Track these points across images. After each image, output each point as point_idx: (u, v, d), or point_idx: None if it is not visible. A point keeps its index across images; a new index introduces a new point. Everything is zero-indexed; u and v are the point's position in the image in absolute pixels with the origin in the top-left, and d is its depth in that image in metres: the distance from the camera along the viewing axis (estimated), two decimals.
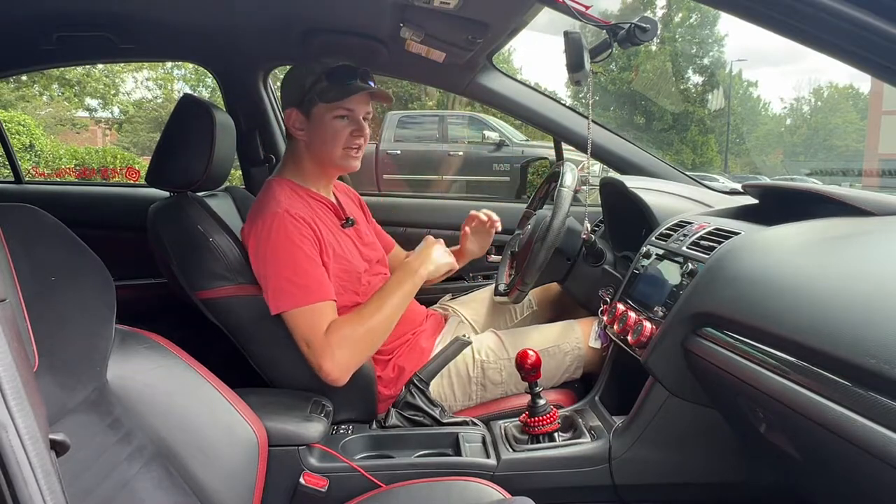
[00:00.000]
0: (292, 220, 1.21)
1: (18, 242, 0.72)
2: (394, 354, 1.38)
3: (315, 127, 1.30)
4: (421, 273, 1.30)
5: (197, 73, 15.06)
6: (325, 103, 1.27)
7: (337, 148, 1.30)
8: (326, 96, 1.27)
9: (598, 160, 1.85)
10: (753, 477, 1.15)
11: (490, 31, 1.42)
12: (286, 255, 1.19)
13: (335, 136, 1.29)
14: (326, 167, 1.35)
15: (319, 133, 1.30)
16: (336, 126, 1.29)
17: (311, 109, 1.29)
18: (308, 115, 1.30)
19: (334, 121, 1.29)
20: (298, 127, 1.31)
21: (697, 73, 21.80)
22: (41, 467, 0.47)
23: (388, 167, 7.58)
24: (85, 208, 2.09)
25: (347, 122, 1.30)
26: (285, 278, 1.18)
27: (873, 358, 0.63)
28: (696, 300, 1.02)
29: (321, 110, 1.28)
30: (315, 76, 1.28)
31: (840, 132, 29.55)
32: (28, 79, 10.69)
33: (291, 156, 1.37)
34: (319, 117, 1.29)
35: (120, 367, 0.83)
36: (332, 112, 1.28)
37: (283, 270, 1.18)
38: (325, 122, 1.29)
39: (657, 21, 1.09)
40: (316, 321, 1.18)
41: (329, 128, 1.29)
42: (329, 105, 1.27)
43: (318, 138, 1.30)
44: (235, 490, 0.92)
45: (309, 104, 1.29)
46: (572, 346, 1.41)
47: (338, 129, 1.29)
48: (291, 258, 1.19)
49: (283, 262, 1.19)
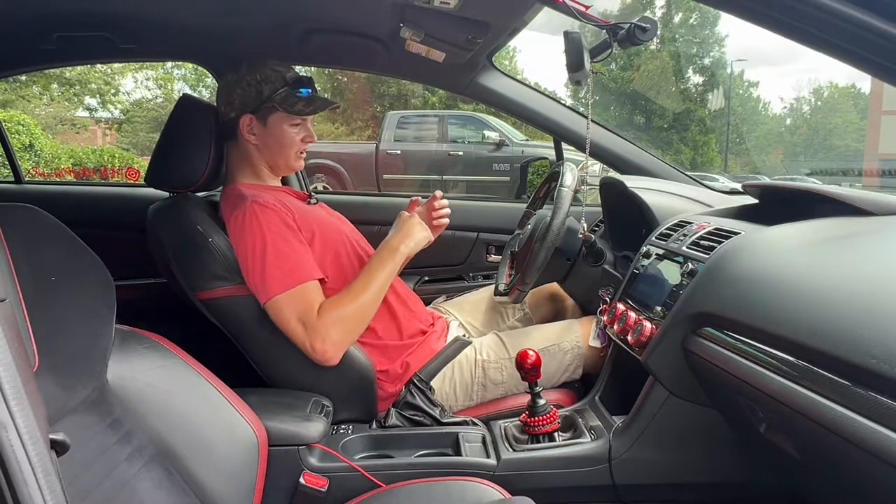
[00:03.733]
0: (261, 208, 1.25)
1: (18, 242, 0.72)
2: (407, 348, 1.38)
3: (271, 133, 1.35)
4: (402, 251, 1.33)
5: (197, 73, 15.07)
6: (285, 113, 1.33)
7: (291, 152, 1.38)
8: (293, 108, 1.32)
9: (598, 160, 1.85)
10: (753, 477, 1.15)
11: (490, 31, 1.42)
12: (263, 244, 1.21)
13: (291, 143, 1.37)
14: (278, 168, 1.42)
15: (275, 139, 1.36)
16: (291, 133, 1.36)
17: (267, 117, 1.34)
18: (264, 121, 1.34)
19: (290, 128, 1.36)
20: (252, 132, 1.35)
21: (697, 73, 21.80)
22: (41, 467, 0.47)
23: (388, 167, 7.60)
24: (85, 208, 2.09)
25: (300, 129, 1.38)
26: (270, 264, 1.20)
27: (873, 358, 0.63)
28: (696, 300, 1.02)
29: (279, 119, 1.34)
30: (273, 85, 1.32)
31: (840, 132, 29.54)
32: (28, 79, 10.69)
33: (242, 160, 1.39)
34: (276, 124, 1.35)
35: (120, 367, 0.83)
36: (289, 121, 1.35)
37: (267, 257, 1.20)
38: (282, 130, 1.35)
39: (657, 21, 1.09)
40: (308, 300, 1.20)
41: (285, 135, 1.36)
42: (288, 115, 1.33)
43: (274, 144, 1.36)
44: (235, 490, 0.92)
45: (266, 111, 1.33)
46: (572, 344, 1.41)
47: (293, 135, 1.37)
48: (270, 246, 1.21)
49: (263, 251, 1.21)
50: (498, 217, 2.08)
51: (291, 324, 1.19)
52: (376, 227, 1.97)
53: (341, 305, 1.22)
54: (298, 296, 1.19)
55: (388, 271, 1.30)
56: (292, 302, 1.19)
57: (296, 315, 1.19)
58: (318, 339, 1.18)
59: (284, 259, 1.21)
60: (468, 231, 2.06)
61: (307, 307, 1.19)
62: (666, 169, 1.83)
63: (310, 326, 1.19)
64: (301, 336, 1.19)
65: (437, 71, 1.69)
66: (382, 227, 2.03)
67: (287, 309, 1.19)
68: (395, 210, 2.16)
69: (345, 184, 7.48)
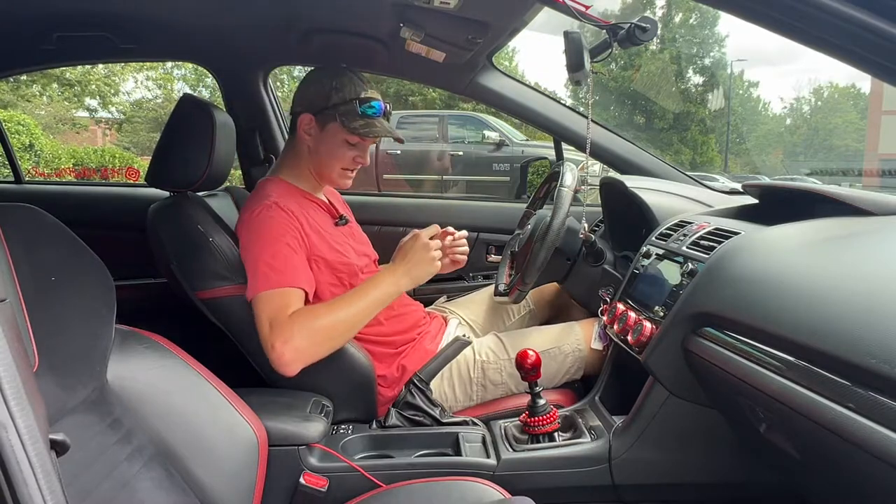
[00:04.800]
0: (279, 211, 1.24)
1: (18, 242, 0.72)
2: (400, 353, 1.38)
3: (324, 140, 1.33)
4: (402, 283, 1.27)
5: (197, 72, 15.06)
6: (343, 127, 1.30)
7: (336, 166, 1.35)
8: (350, 124, 1.29)
9: (598, 160, 1.85)
10: (753, 477, 1.15)
11: (490, 31, 1.42)
12: (268, 242, 1.21)
13: (340, 157, 1.34)
14: (322, 177, 1.39)
15: (326, 148, 1.33)
16: (344, 149, 1.33)
17: (327, 123, 1.31)
18: (323, 126, 1.32)
19: (344, 144, 1.32)
20: (308, 132, 1.33)
21: (697, 73, 21.81)
22: (41, 467, 0.47)
23: (388, 167, 7.59)
24: (85, 208, 2.09)
25: (356, 149, 1.34)
26: (264, 262, 1.19)
27: (873, 357, 0.63)
28: (696, 300, 1.02)
29: (336, 129, 1.31)
30: (343, 95, 1.29)
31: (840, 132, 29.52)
32: (28, 79, 10.68)
33: (291, 156, 1.38)
34: (332, 134, 1.32)
35: (120, 367, 0.83)
36: (345, 135, 1.31)
37: (263, 255, 1.19)
38: (336, 142, 1.32)
39: (657, 21, 1.09)
40: (284, 303, 1.17)
41: (338, 148, 1.33)
42: (345, 130, 1.30)
43: (324, 152, 1.34)
44: (235, 490, 0.92)
45: (327, 119, 1.31)
46: (573, 347, 1.41)
47: (344, 150, 1.33)
48: (272, 245, 1.21)
49: (264, 248, 1.20)
50: (498, 217, 2.08)
51: (262, 322, 1.16)
52: (377, 228, 1.97)
53: (315, 315, 1.17)
54: (277, 297, 1.17)
55: (380, 295, 1.24)
56: (270, 301, 1.16)
57: (268, 314, 1.15)
58: (279, 339, 1.12)
59: (280, 260, 1.20)
60: (468, 231, 2.06)
61: (281, 308, 1.15)
62: (666, 169, 1.83)
63: (276, 326, 1.14)
64: (265, 334, 1.14)
65: (437, 71, 1.69)
66: (382, 228, 2.03)
67: (263, 307, 1.16)
68: (394, 210, 2.18)
69: None
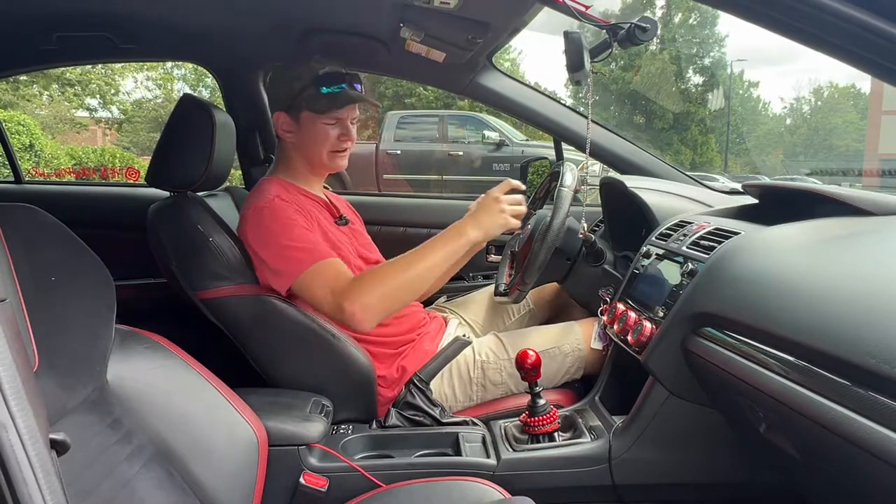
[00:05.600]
0: (282, 203, 1.25)
1: (18, 242, 0.72)
2: (399, 354, 1.38)
3: (303, 130, 1.33)
4: (469, 235, 1.24)
5: (197, 72, 15.07)
6: (313, 112, 1.30)
7: (324, 151, 1.34)
8: (315, 106, 1.29)
9: (598, 160, 1.85)
10: (753, 477, 1.15)
11: (490, 31, 1.42)
12: (283, 231, 1.21)
13: (324, 141, 1.33)
14: (315, 167, 1.39)
15: (308, 136, 1.33)
16: (325, 131, 1.33)
17: (299, 114, 1.32)
18: (297, 118, 1.32)
19: (323, 126, 1.32)
20: (287, 129, 1.34)
21: (697, 73, 21.81)
22: (41, 467, 0.47)
23: (388, 167, 7.59)
24: (85, 208, 2.09)
25: (335, 127, 1.33)
26: (287, 247, 1.20)
27: (873, 357, 0.63)
28: (696, 300, 1.02)
29: (308, 116, 1.31)
30: (303, 82, 1.29)
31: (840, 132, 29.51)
32: (28, 79, 10.69)
33: (282, 157, 1.40)
34: (308, 122, 1.32)
35: (120, 367, 0.83)
36: (320, 119, 1.31)
37: (283, 241, 1.21)
38: (314, 128, 1.32)
39: (657, 21, 1.09)
40: (335, 272, 1.20)
41: (318, 133, 1.32)
42: (316, 112, 1.30)
43: (308, 141, 1.34)
44: (235, 490, 0.92)
45: (297, 108, 1.31)
46: (573, 347, 1.41)
47: (327, 133, 1.33)
48: (288, 231, 1.21)
49: (281, 237, 1.21)
50: None
51: (320, 294, 1.18)
52: (377, 227, 1.97)
53: (381, 272, 1.20)
54: (323, 269, 1.19)
55: (447, 252, 1.23)
56: (318, 276, 1.19)
57: (324, 285, 1.18)
58: (346, 300, 1.15)
59: (304, 240, 1.22)
60: None
61: (334, 276, 1.19)
62: (666, 169, 1.83)
63: (338, 291, 1.16)
64: (330, 303, 1.17)
65: (437, 71, 1.69)
66: (382, 228, 2.03)
67: (313, 284, 1.19)
68: (394, 210, 2.18)
69: (344, 184, 7.48)
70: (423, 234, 2.06)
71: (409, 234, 2.06)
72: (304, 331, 1.26)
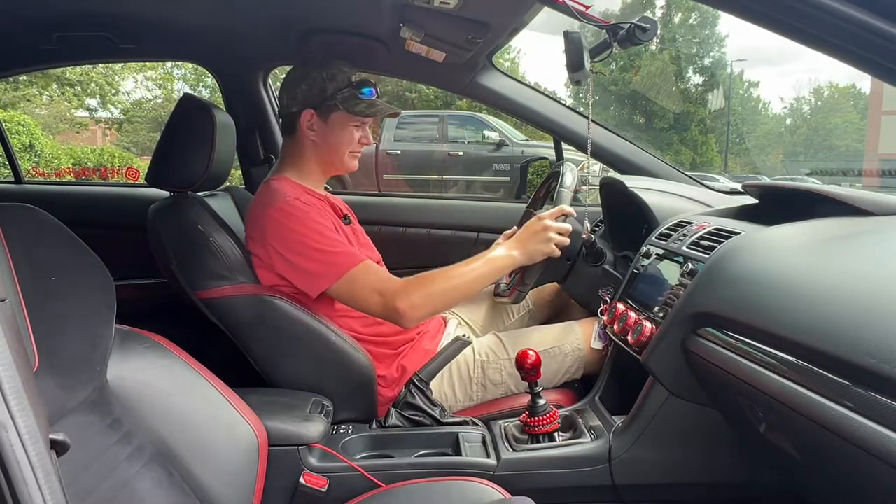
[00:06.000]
0: (304, 205, 1.26)
1: (18, 242, 0.72)
2: (399, 353, 1.38)
3: (330, 131, 1.35)
4: (515, 256, 1.31)
5: (197, 72, 15.05)
6: (348, 113, 1.33)
7: (346, 151, 1.38)
8: (354, 108, 1.33)
9: (598, 160, 1.85)
10: (753, 477, 1.15)
11: (490, 31, 1.42)
12: (314, 233, 1.23)
13: (349, 142, 1.37)
14: (330, 167, 1.41)
15: (333, 137, 1.36)
16: (351, 133, 1.37)
17: (329, 114, 1.34)
18: (326, 118, 1.34)
19: (351, 128, 1.36)
20: (312, 128, 1.35)
21: (698, 73, 21.81)
22: (41, 467, 0.47)
23: (388, 167, 7.58)
24: (85, 208, 2.09)
25: (360, 129, 1.39)
26: (324, 251, 1.22)
27: (873, 357, 0.63)
28: (696, 300, 1.02)
29: (341, 117, 1.34)
30: (338, 84, 1.33)
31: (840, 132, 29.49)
32: (28, 79, 10.68)
33: (294, 155, 1.39)
34: (338, 123, 1.35)
35: (120, 367, 0.83)
36: (350, 121, 1.35)
37: (319, 245, 1.22)
38: (343, 129, 1.36)
39: (657, 21, 1.09)
40: (378, 274, 1.24)
41: (346, 134, 1.36)
42: (350, 115, 1.34)
43: (332, 141, 1.36)
44: (235, 490, 0.92)
45: (328, 109, 1.34)
46: (573, 347, 1.41)
47: (352, 135, 1.37)
48: (321, 234, 1.24)
49: (315, 240, 1.23)
50: (498, 217, 2.08)
51: (368, 294, 1.22)
52: (377, 227, 1.97)
53: (431, 279, 1.25)
54: (363, 272, 1.23)
55: (493, 270, 1.29)
56: (362, 278, 1.22)
57: (371, 286, 1.22)
58: (398, 298, 1.20)
59: (340, 244, 1.25)
60: (468, 231, 2.06)
61: (380, 278, 1.24)
62: (666, 169, 1.83)
63: (389, 291, 1.21)
64: (378, 303, 1.21)
65: (437, 71, 1.69)
66: (382, 228, 2.03)
67: (357, 284, 1.22)
68: (394, 210, 2.18)
69: (344, 184, 7.48)
70: (423, 234, 2.06)
71: (409, 234, 2.06)
72: (305, 330, 1.26)
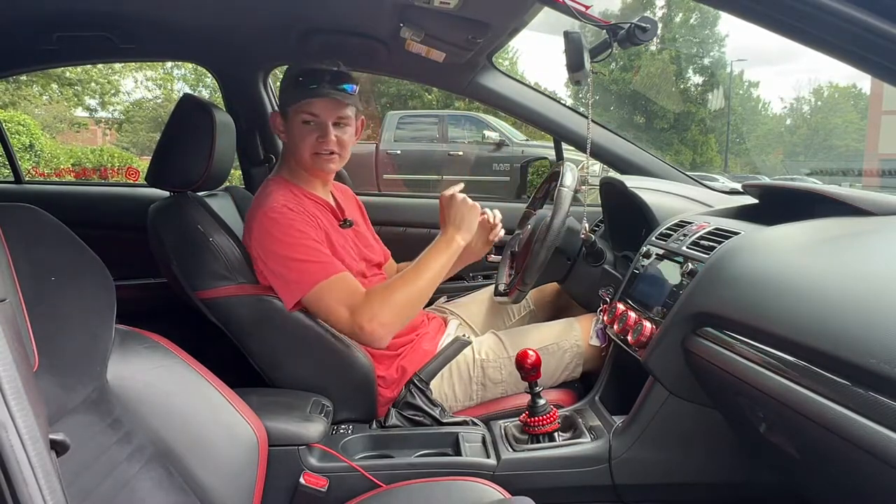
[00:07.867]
0: (290, 212, 1.24)
1: (18, 242, 0.72)
2: (398, 354, 1.38)
3: (290, 130, 1.33)
4: (458, 241, 1.31)
5: (197, 72, 15.04)
6: (288, 106, 1.30)
7: (306, 152, 1.31)
8: (288, 98, 1.30)
9: (598, 160, 1.85)
10: (753, 477, 1.15)
11: (490, 31, 1.42)
12: (295, 242, 1.22)
13: (302, 141, 1.30)
14: (306, 168, 1.36)
15: (292, 136, 1.33)
16: (302, 130, 1.30)
17: (287, 113, 1.32)
18: (286, 118, 1.33)
19: (301, 125, 1.30)
20: (280, 129, 1.36)
21: (697, 73, 21.80)
22: (41, 467, 0.47)
23: (388, 167, 7.59)
24: (85, 208, 2.09)
25: (313, 126, 1.30)
26: (301, 261, 1.21)
27: (873, 358, 0.63)
28: (696, 300, 1.02)
29: (292, 113, 1.30)
30: (289, 80, 1.30)
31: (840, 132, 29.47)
32: (28, 79, 10.68)
33: (285, 154, 1.40)
34: (292, 120, 1.31)
35: (120, 367, 0.83)
36: (298, 116, 1.29)
37: (296, 255, 1.21)
38: (295, 126, 1.31)
39: (657, 21, 1.09)
40: (350, 287, 1.22)
41: (297, 132, 1.31)
42: (294, 108, 1.29)
43: (291, 141, 1.34)
44: (235, 490, 0.92)
45: (285, 108, 1.32)
46: (571, 343, 1.41)
47: (304, 133, 1.30)
48: (301, 243, 1.22)
49: (294, 249, 1.21)
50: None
51: (336, 309, 1.20)
52: (377, 228, 1.97)
53: (392, 289, 1.23)
54: (336, 283, 1.21)
55: (443, 261, 1.29)
56: (333, 290, 1.20)
57: (340, 300, 1.20)
58: (365, 317, 1.18)
59: (316, 254, 1.23)
60: None
61: (351, 291, 1.21)
62: (666, 169, 1.83)
63: (356, 308, 1.19)
64: (347, 320, 1.20)
65: (437, 71, 1.69)
66: (383, 228, 2.03)
67: (329, 296, 1.20)
68: (395, 210, 2.18)
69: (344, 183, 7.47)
70: (423, 233, 2.06)
71: (409, 233, 2.06)
72: (305, 331, 1.26)
